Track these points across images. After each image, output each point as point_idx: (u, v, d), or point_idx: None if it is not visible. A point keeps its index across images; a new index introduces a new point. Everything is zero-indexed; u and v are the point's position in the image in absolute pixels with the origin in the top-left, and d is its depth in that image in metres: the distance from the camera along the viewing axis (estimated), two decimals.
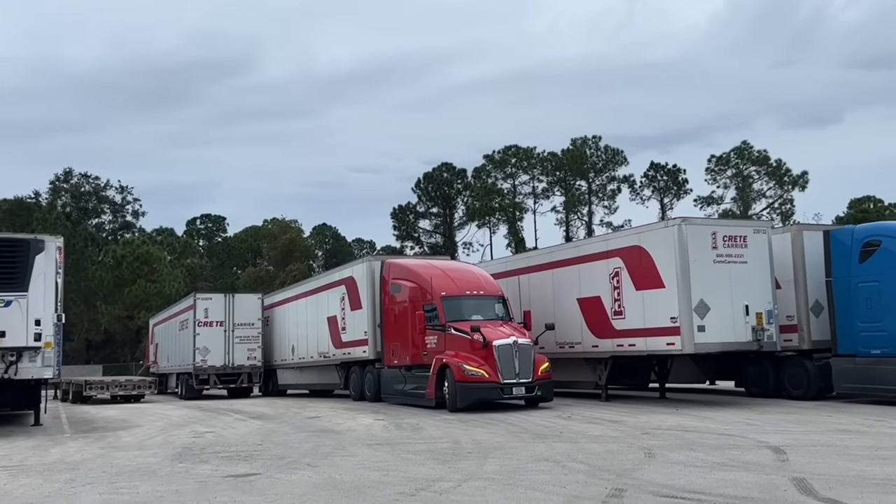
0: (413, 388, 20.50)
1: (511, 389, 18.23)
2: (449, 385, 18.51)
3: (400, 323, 21.28)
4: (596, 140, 75.50)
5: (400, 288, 21.50)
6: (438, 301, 19.71)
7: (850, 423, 14.36)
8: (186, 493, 9.23)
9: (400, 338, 21.23)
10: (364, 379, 23.78)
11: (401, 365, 21.25)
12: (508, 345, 18.33)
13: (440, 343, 19.40)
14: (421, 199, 75.61)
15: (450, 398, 18.48)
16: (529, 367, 18.43)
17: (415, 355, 20.42)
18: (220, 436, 15.81)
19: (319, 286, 27.84)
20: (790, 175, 71.05)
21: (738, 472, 9.67)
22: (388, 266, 22.63)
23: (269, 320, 32.35)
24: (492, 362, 18.20)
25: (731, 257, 18.29)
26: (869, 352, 17.50)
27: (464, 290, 20.23)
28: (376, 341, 22.70)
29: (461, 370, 18.22)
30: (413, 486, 9.21)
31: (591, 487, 8.88)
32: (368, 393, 23.35)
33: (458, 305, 19.71)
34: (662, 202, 75.22)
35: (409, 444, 13.43)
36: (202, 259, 78.74)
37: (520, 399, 18.63)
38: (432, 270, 21.01)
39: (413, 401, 20.34)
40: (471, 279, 21.00)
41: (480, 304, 20.00)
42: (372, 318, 22.95)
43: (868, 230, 18.66)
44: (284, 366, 31.17)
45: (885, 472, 9.45)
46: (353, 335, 24.16)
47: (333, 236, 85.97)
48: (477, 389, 18.13)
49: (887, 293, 17.16)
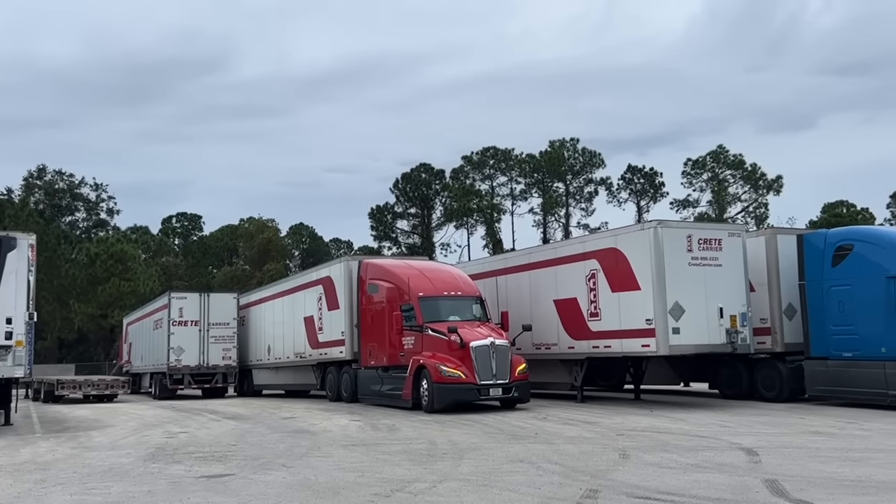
0: (390, 389, 20.39)
1: (488, 391, 18.18)
2: (426, 386, 18.42)
3: (377, 323, 21.17)
4: (574, 142, 75.86)
5: (377, 288, 21.38)
6: (416, 302, 19.62)
7: (821, 426, 14.53)
8: (159, 494, 9.14)
9: (377, 338, 21.13)
10: (341, 379, 23.62)
11: (378, 365, 21.13)
12: (485, 346, 18.29)
13: (417, 344, 19.32)
14: (399, 199, 75.54)
15: (427, 399, 18.38)
16: (506, 369, 18.39)
17: (392, 356, 20.33)
18: (193, 436, 15.68)
19: (296, 286, 27.67)
20: (765, 179, 71.77)
21: (711, 473, 9.75)
22: (366, 266, 22.50)
23: (245, 320, 32.11)
24: (469, 363, 18.15)
25: (706, 260, 18.44)
26: (841, 355, 17.71)
27: (441, 290, 20.18)
28: (353, 342, 22.58)
29: (438, 371, 18.15)
30: (388, 486, 9.19)
31: (565, 488, 8.91)
32: (345, 393, 23.20)
33: (436, 306, 19.64)
34: (639, 205, 75.73)
35: (384, 444, 13.40)
36: (177, 258, 78.06)
37: (497, 400, 18.58)
38: (409, 271, 20.94)
39: (390, 402, 20.24)
40: (448, 280, 20.94)
41: (458, 305, 19.96)
42: (349, 318, 22.82)
43: (841, 234, 18.89)
44: (260, 366, 30.92)
45: (855, 473, 9.56)
46: (330, 335, 24.04)
47: (310, 236, 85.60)
48: (454, 390, 18.06)
49: (859, 297, 17.37)
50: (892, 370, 16.49)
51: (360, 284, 22.38)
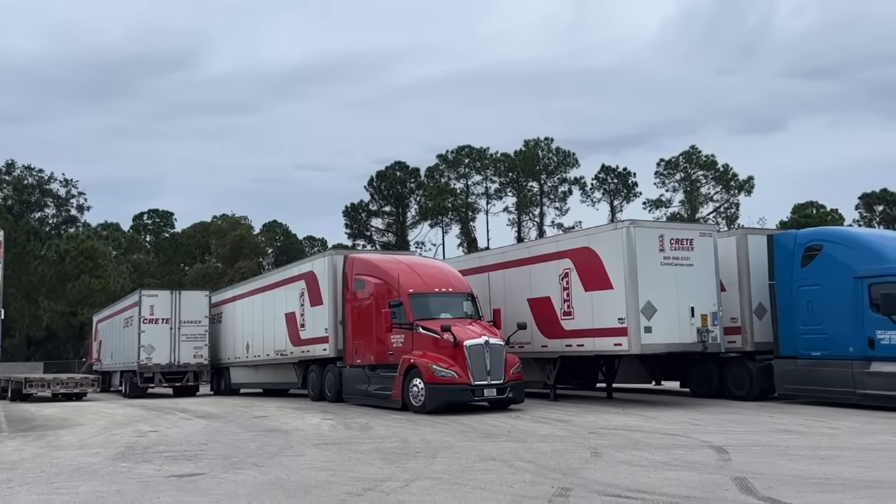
0: (378, 389, 19.69)
1: (482, 391, 17.58)
2: (418, 387, 17.78)
3: (364, 321, 20.51)
4: (548, 142, 76.09)
5: (364, 284, 20.69)
6: (406, 298, 18.94)
7: (790, 424, 14.70)
8: (128, 494, 9.05)
9: (364, 336, 20.51)
10: (324, 378, 22.95)
11: (364, 364, 20.48)
12: (480, 345, 17.69)
13: (407, 342, 18.67)
14: (373, 197, 75.37)
15: (419, 400, 17.74)
16: (501, 368, 17.79)
17: (380, 354, 19.70)
18: (164, 435, 15.54)
19: (277, 281, 27.01)
20: (737, 180, 72.50)
21: (681, 471, 9.83)
22: (352, 261, 21.75)
23: (221, 317, 31.73)
24: (462, 363, 17.51)
25: (678, 260, 18.58)
26: (809, 354, 17.93)
27: (432, 287, 19.48)
28: (337, 339, 22.03)
29: (431, 371, 17.51)
30: (360, 485, 9.17)
31: (537, 487, 8.94)
32: (329, 393, 22.45)
33: (427, 303, 18.99)
34: (612, 204, 76.13)
35: (357, 443, 13.37)
36: (149, 255, 77.23)
37: (491, 401, 17.94)
38: (399, 266, 20.28)
39: (378, 402, 19.56)
40: (438, 276, 20.29)
41: (449, 302, 19.31)
42: (333, 314, 22.25)
43: (810, 235, 19.13)
44: (238, 364, 30.27)
45: (822, 471, 9.69)
46: (313, 332, 23.47)
47: (284, 233, 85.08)
48: (447, 391, 17.44)
49: (828, 297, 17.60)
50: (860, 369, 16.72)
51: (345, 280, 21.69)
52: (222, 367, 31.44)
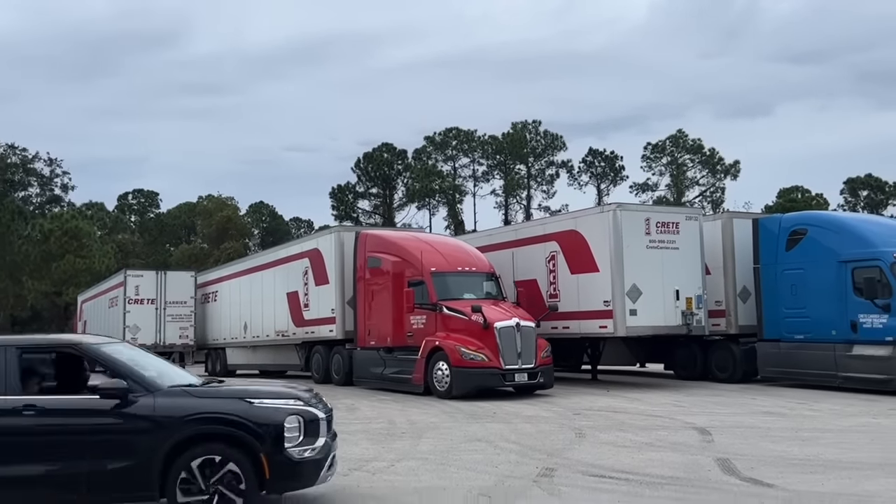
0: (395, 373, 18.59)
1: (513, 376, 16.51)
2: (443, 370, 16.75)
3: (379, 300, 19.25)
4: (536, 125, 76.00)
5: (380, 262, 19.37)
6: (428, 277, 17.80)
7: (772, 406, 14.85)
8: None
9: (378, 317, 19.27)
10: (331, 360, 21.92)
11: (379, 346, 19.25)
12: (511, 327, 16.68)
13: (430, 324, 17.60)
14: (360, 178, 75.11)
15: (444, 385, 16.72)
16: (532, 352, 16.83)
17: (397, 336, 18.53)
18: None
19: (278, 259, 25.79)
20: (723, 164, 72.72)
21: (664, 452, 9.93)
22: (365, 237, 20.45)
23: (216, 295, 30.73)
24: (492, 346, 16.50)
25: (664, 243, 18.66)
26: (793, 337, 18.09)
27: (454, 266, 18.42)
28: (345, 320, 21.01)
29: (458, 354, 16.48)
30: (346, 466, 9.20)
31: (522, 467, 9.02)
32: (336, 376, 21.41)
33: (449, 283, 17.97)
34: (599, 188, 76.24)
35: (343, 424, 13.34)
36: (134, 235, 76.82)
37: (521, 386, 16.86)
38: (419, 244, 19.21)
39: (395, 386, 18.51)
40: (461, 254, 19.29)
41: (472, 282, 18.38)
42: (340, 294, 21.18)
43: (795, 219, 19.25)
44: (235, 344, 29.05)
45: (804, 452, 9.81)
46: (318, 313, 22.36)
47: (270, 215, 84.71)
48: (476, 375, 16.43)
49: (811, 281, 17.73)
50: (842, 352, 16.89)
51: (356, 258, 20.45)
52: (217, 347, 30.48)
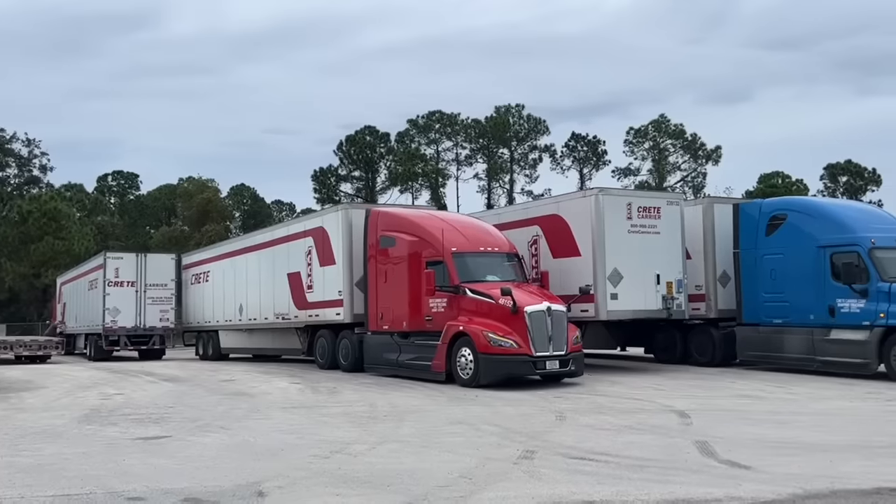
0: (412, 359, 17.56)
1: (544, 363, 15.52)
2: (468, 357, 15.77)
3: (393, 282, 18.12)
4: (519, 108, 75.89)
5: (394, 241, 18.22)
6: (449, 258, 16.72)
7: (751, 389, 15.01)
8: (94, 456, 9.01)
9: (392, 299, 18.15)
10: (338, 345, 20.80)
11: (393, 331, 18.18)
12: (542, 311, 15.64)
13: (451, 307, 16.58)
14: (343, 162, 74.73)
15: (469, 372, 15.75)
16: (563, 338, 15.82)
17: (414, 320, 17.50)
18: (129, 398, 15.48)
19: (278, 238, 24.55)
20: (704, 149, 73.00)
21: (644, 434, 10.01)
22: (377, 215, 19.26)
23: (208, 276, 29.67)
24: (522, 331, 15.46)
25: (645, 228, 18.74)
26: (771, 321, 18.27)
27: (476, 245, 17.41)
28: (354, 302, 19.94)
29: (486, 340, 15.44)
30: (328, 448, 9.22)
31: (503, 449, 9.06)
32: (344, 362, 20.35)
33: (471, 263, 16.93)
34: (582, 172, 76.33)
35: (325, 407, 13.42)
36: (113, 217, 76.08)
37: (550, 374, 15.86)
38: (438, 222, 18.06)
39: (412, 373, 17.51)
40: (482, 234, 18.18)
41: (495, 263, 17.37)
42: (349, 275, 20.04)
43: (775, 204, 19.40)
44: (229, 327, 27.86)
45: (781, 435, 9.93)
46: (324, 295, 21.24)
47: (252, 197, 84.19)
48: (505, 363, 15.45)
49: (791, 265, 17.89)
50: (820, 336, 17.07)
51: (366, 237, 19.28)
52: (209, 330, 29.37)
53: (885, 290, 16.01)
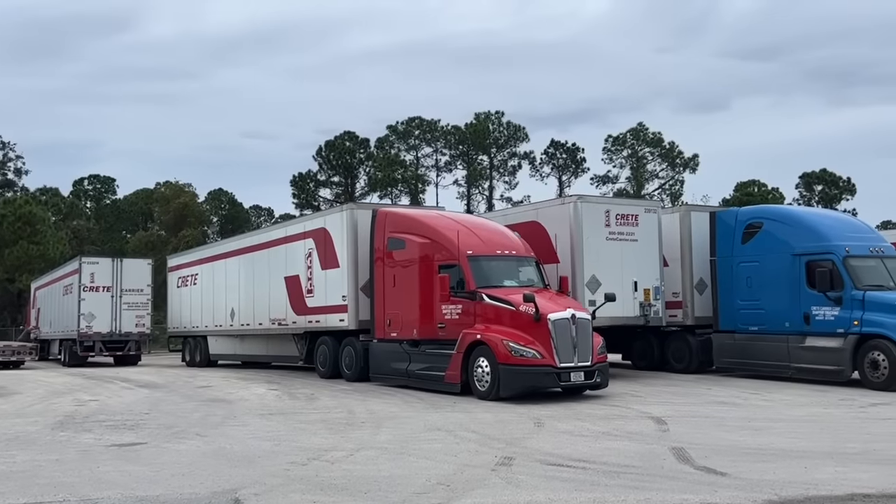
0: (423, 369, 16.51)
1: (569, 375, 14.48)
2: (485, 368, 14.74)
3: (403, 287, 17.13)
4: (498, 115, 76.04)
5: (404, 244, 17.24)
6: (464, 262, 15.78)
7: (727, 396, 15.12)
8: (67, 463, 8.91)
9: (401, 305, 17.17)
10: (341, 353, 19.71)
11: (402, 339, 17.16)
12: (566, 319, 14.63)
13: (467, 314, 15.57)
14: (322, 167, 74.50)
15: (487, 384, 14.69)
16: (588, 347, 14.84)
17: (425, 327, 16.49)
18: (104, 404, 15.33)
19: (274, 239, 23.41)
20: (682, 157, 73.50)
21: (621, 441, 10.06)
22: (384, 216, 18.22)
23: (196, 279, 28.52)
24: (545, 341, 14.43)
25: (623, 235, 18.87)
26: (747, 328, 18.43)
27: (493, 249, 16.47)
28: (359, 308, 18.98)
29: (506, 349, 14.38)
30: (305, 455, 9.18)
31: (481, 456, 9.06)
32: (348, 371, 19.32)
33: (487, 268, 15.99)
34: (561, 179, 76.58)
35: (302, 414, 13.36)
36: (89, 221, 75.34)
37: (574, 387, 14.86)
38: (451, 223, 17.05)
39: (423, 384, 16.47)
40: (498, 237, 17.17)
41: (511, 267, 16.44)
42: (354, 279, 19.08)
43: (751, 213, 19.58)
44: (219, 332, 26.75)
45: (756, 441, 10.01)
46: (326, 300, 20.24)
47: (230, 202, 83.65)
48: (527, 375, 14.38)
49: (766, 273, 18.06)
50: (795, 344, 17.24)
51: (373, 239, 18.30)
52: (197, 335, 28.31)
53: (859, 298, 16.20)
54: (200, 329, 27.85)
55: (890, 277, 16.72)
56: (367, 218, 18.75)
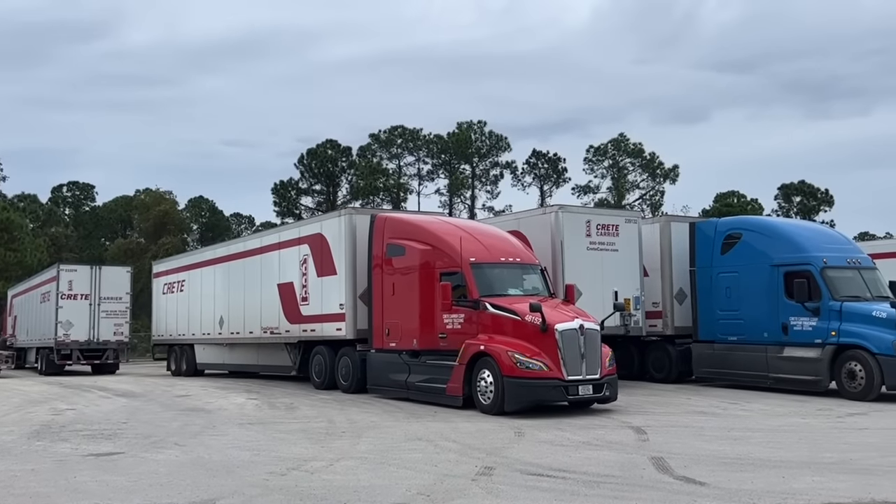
0: (424, 381, 15.82)
1: (577, 388, 13.82)
2: (489, 380, 14.05)
3: (402, 295, 16.47)
4: (481, 125, 76.31)
5: (404, 251, 16.60)
6: (467, 269, 15.17)
7: (706, 406, 15.20)
8: (43, 473, 8.82)
9: (401, 314, 16.51)
10: (337, 364, 19.08)
11: (402, 349, 16.47)
12: (574, 329, 13.99)
13: (470, 324, 14.93)
14: (304, 175, 74.35)
15: (488, 398, 14.05)
16: (597, 359, 14.18)
17: (426, 337, 15.85)
18: (81, 413, 15.17)
19: (267, 245, 22.56)
20: (662, 168, 74.01)
21: (601, 451, 10.08)
22: (383, 221, 17.57)
23: (183, 285, 27.65)
24: (552, 352, 13.80)
25: (604, 245, 18.96)
26: (726, 338, 18.56)
27: (497, 256, 15.82)
28: (357, 317, 18.34)
29: (511, 361, 13.70)
30: (284, 465, 9.13)
31: (461, 466, 9.06)
32: (344, 382, 18.66)
33: (491, 276, 15.39)
34: (542, 189, 76.86)
35: (282, 423, 13.29)
36: (68, 228, 74.71)
37: (583, 401, 14.28)
38: (453, 229, 16.58)
39: (423, 396, 15.79)
40: (502, 244, 16.55)
41: (516, 275, 15.93)
42: (352, 287, 18.45)
43: (730, 223, 19.75)
44: (207, 341, 25.87)
45: (735, 451, 10.06)
46: (322, 308, 19.53)
47: (210, 209, 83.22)
48: (533, 388, 13.70)
49: (745, 283, 18.21)
50: (773, 354, 17.37)
51: (371, 245, 17.67)
52: (183, 344, 27.42)
53: (837, 308, 16.36)
54: (187, 337, 27.08)
55: (867, 288, 16.92)
56: (365, 223, 18.18)
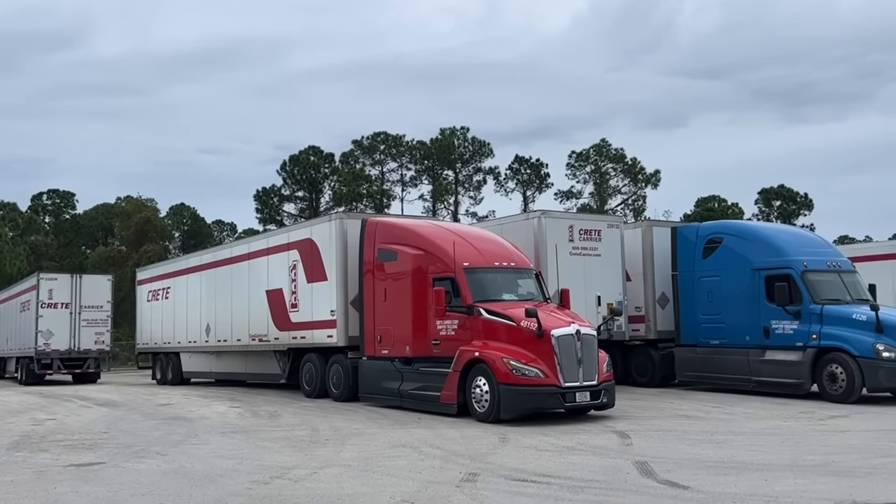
0: (417, 388, 15.47)
1: (574, 395, 13.58)
2: (484, 388, 13.75)
3: (395, 301, 16.10)
4: (464, 131, 76.43)
5: (395, 256, 16.25)
6: (461, 274, 14.87)
7: (689, 410, 15.27)
8: (22, 484, 8.71)
9: (393, 320, 16.09)
10: (328, 372, 18.59)
11: (394, 356, 16.11)
12: (570, 335, 13.77)
13: (464, 330, 14.63)
14: (286, 181, 74.16)
15: (483, 406, 13.74)
16: (594, 365, 13.97)
17: (418, 344, 15.51)
18: (62, 423, 15.02)
19: (255, 251, 22.10)
20: (644, 173, 74.41)
21: (585, 455, 10.10)
22: (375, 226, 17.23)
23: (168, 292, 27.29)
24: (549, 358, 13.54)
25: (586, 250, 19.04)
26: (709, 342, 18.66)
27: (491, 261, 15.57)
28: (348, 323, 17.95)
29: (506, 368, 13.43)
30: (267, 473, 9.08)
31: (446, 472, 9.04)
32: (335, 390, 18.18)
33: (485, 281, 15.14)
34: (525, 195, 77.06)
35: (265, 431, 13.22)
36: (48, 237, 74.08)
37: (579, 408, 13.91)
38: (446, 234, 16.24)
39: (416, 404, 15.44)
40: (496, 248, 16.27)
41: (512, 281, 15.65)
42: (343, 293, 18.08)
43: (711, 228, 19.89)
44: (193, 349, 25.46)
45: (718, 454, 10.11)
46: (312, 314, 19.14)
47: (192, 217, 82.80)
48: (529, 395, 13.45)
49: (727, 288, 18.33)
50: (755, 357, 17.49)
51: (362, 250, 17.27)
52: (169, 352, 27.02)
53: (818, 311, 16.49)
54: (173, 345, 26.64)
55: (847, 291, 17.06)
56: (356, 228, 17.82)
